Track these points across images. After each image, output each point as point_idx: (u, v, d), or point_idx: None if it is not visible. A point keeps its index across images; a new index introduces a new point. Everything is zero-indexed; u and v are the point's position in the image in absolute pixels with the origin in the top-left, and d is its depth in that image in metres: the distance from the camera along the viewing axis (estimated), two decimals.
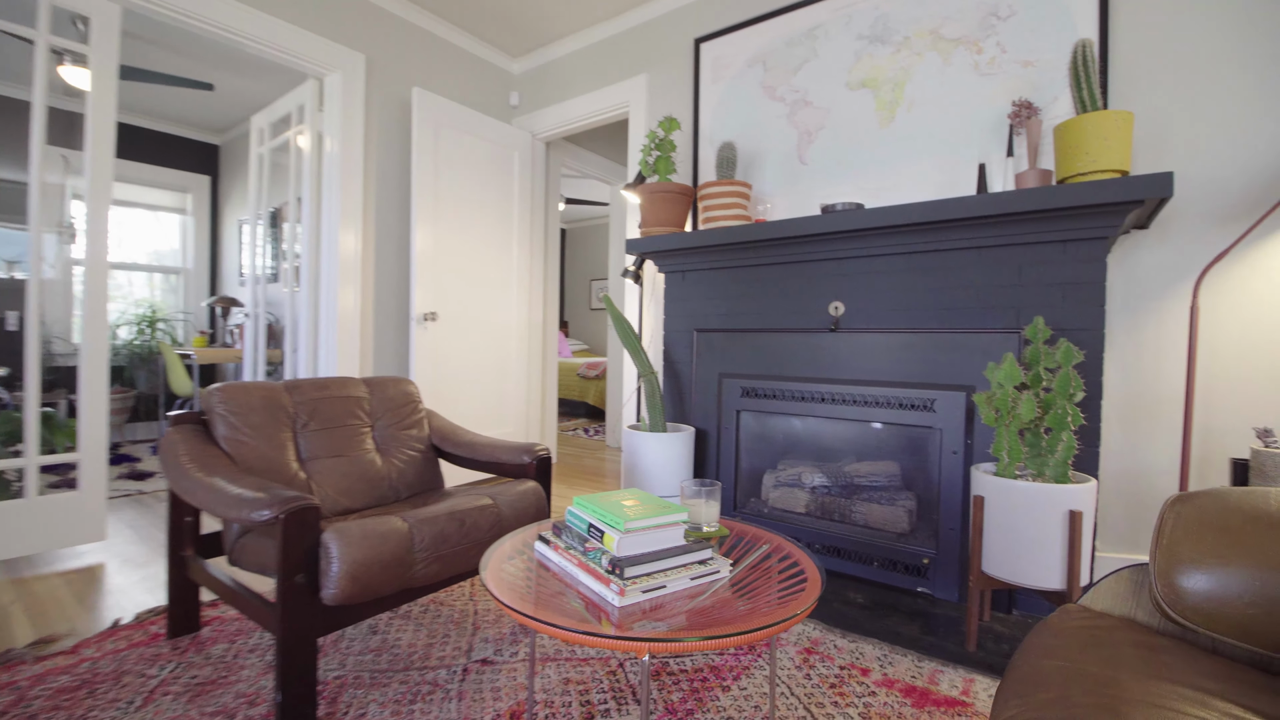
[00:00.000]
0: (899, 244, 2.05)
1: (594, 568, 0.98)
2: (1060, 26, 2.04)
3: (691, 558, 1.00)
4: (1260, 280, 1.78)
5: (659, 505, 1.09)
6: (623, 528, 0.97)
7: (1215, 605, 0.81)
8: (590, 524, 1.03)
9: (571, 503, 1.14)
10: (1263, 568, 0.79)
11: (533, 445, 1.82)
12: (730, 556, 1.22)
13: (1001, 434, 1.66)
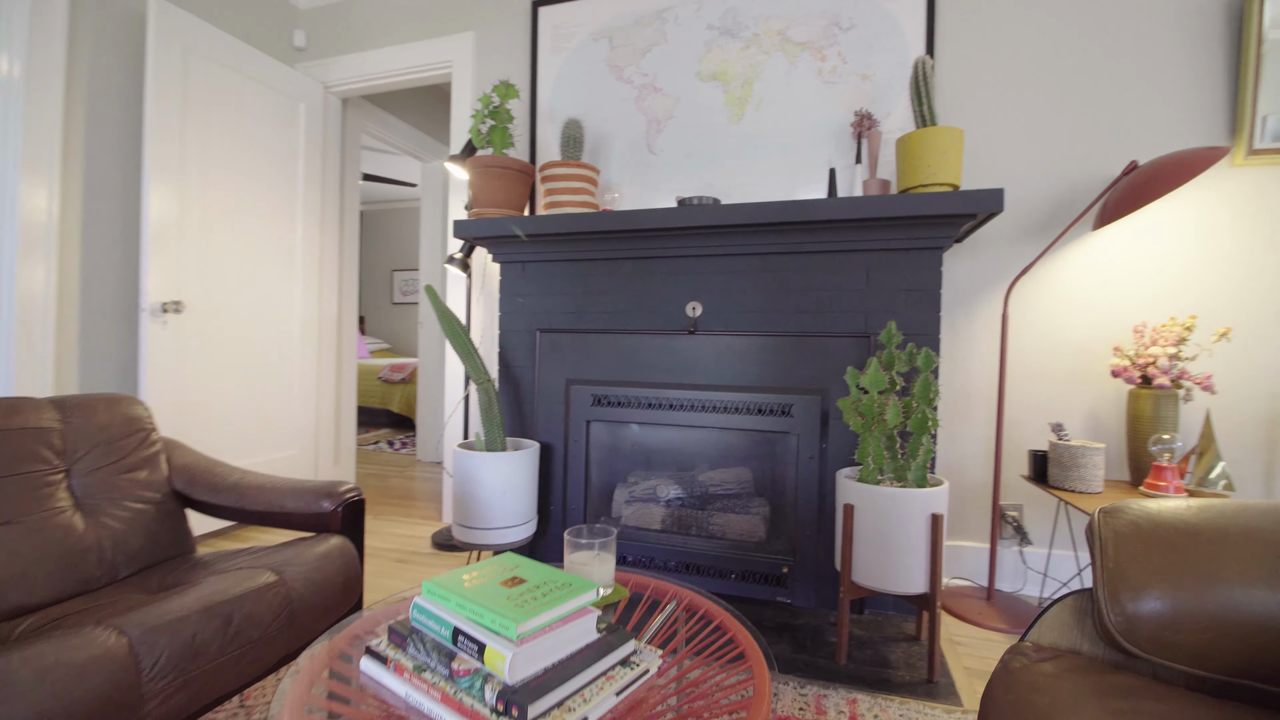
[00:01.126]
0: (756, 244, 1.97)
1: (472, 707, 0.63)
2: (894, 45, 2.14)
3: (612, 659, 0.71)
4: (1054, 291, 2.03)
5: (549, 580, 0.78)
6: (514, 633, 0.65)
7: (1171, 632, 0.76)
8: (457, 629, 0.69)
9: (420, 590, 0.77)
10: (1210, 587, 0.76)
11: (336, 485, 1.35)
12: (634, 626, 0.96)
13: (867, 440, 1.64)
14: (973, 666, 1.60)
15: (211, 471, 1.44)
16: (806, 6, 2.23)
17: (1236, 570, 0.78)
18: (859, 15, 2.17)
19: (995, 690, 0.80)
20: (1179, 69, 1.92)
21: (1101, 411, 1.99)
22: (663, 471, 2.29)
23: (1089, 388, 2.00)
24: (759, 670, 0.81)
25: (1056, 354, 2.02)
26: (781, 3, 2.25)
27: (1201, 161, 1.58)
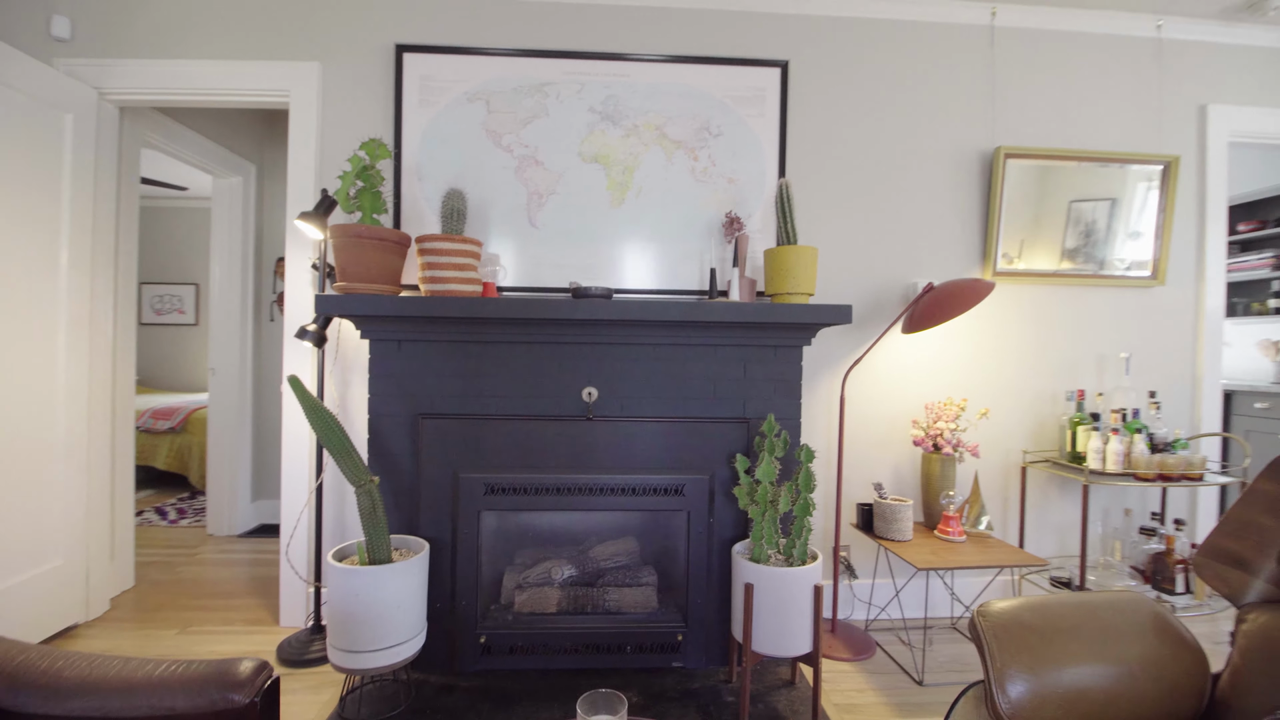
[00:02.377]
0: (651, 336, 2.10)
1: None
2: (755, 156, 2.45)
3: None
4: (872, 376, 2.51)
5: None
6: None
7: (1040, 713, 1.07)
8: None
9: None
10: (1059, 673, 1.09)
11: (234, 666, 1.12)
12: None
13: (759, 523, 1.89)
14: (840, 702, 1.95)
15: (34, 666, 1.11)
16: (681, 108, 2.42)
17: (1069, 655, 1.12)
18: (726, 125, 2.43)
19: None
20: (951, 211, 2.53)
21: (903, 469, 2.53)
22: (555, 551, 2.30)
23: (896, 451, 2.53)
24: None
25: (873, 424, 2.52)
26: (659, 100, 2.42)
27: (981, 291, 2.13)
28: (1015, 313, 2.58)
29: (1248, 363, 3.85)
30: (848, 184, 2.50)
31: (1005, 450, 2.57)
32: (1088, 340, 2.60)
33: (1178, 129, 2.62)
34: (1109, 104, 2.59)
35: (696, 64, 2.41)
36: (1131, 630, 1.17)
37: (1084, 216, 2.58)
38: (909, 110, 2.52)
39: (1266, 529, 1.20)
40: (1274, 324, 3.73)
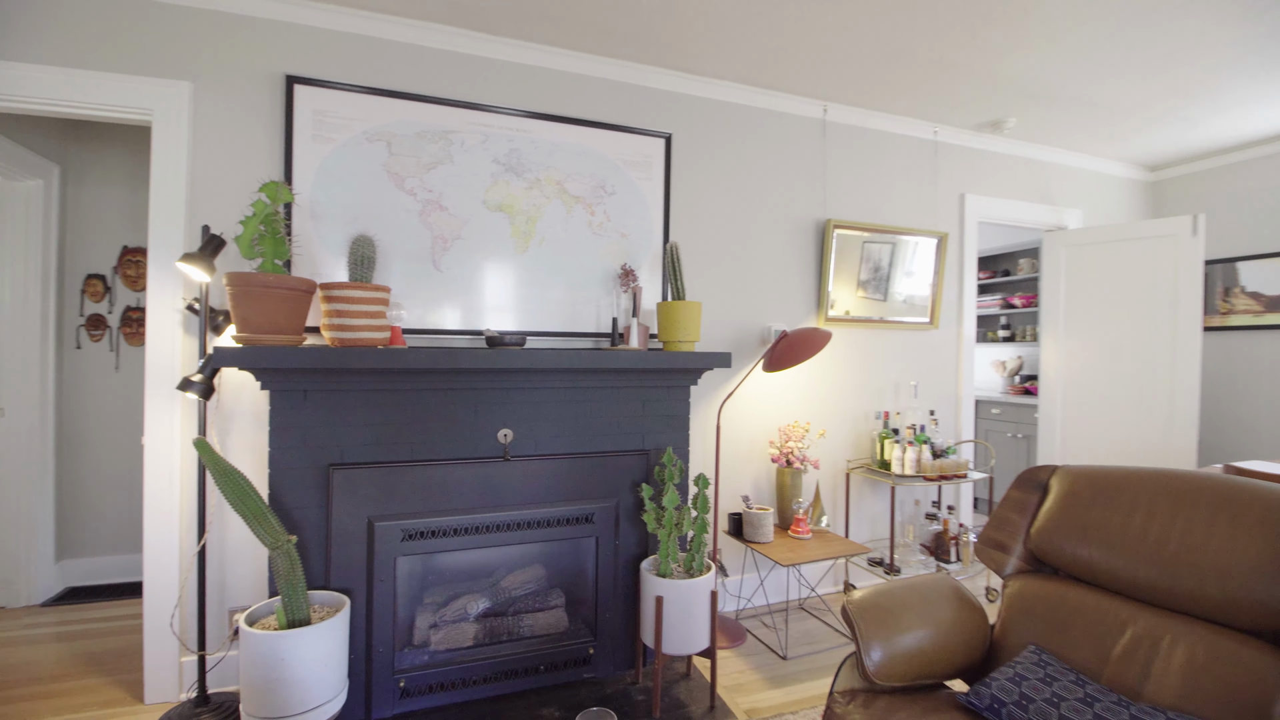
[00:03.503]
0: (562, 381, 2.30)
1: None
2: (643, 214, 2.76)
3: None
4: (741, 405, 2.97)
5: None
6: None
7: (889, 668, 1.51)
8: None
9: None
10: (899, 638, 1.54)
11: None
12: None
13: (665, 543, 2.20)
14: (727, 684, 2.34)
15: None
16: (580, 167, 2.64)
17: (904, 625, 1.58)
18: (619, 185, 2.71)
19: None
20: (796, 268, 3.09)
21: (762, 482, 3.03)
22: (468, 586, 2.39)
23: (756, 466, 3.02)
24: None
25: (740, 446, 2.98)
26: (559, 157, 2.61)
27: (824, 340, 2.67)
28: (843, 351, 3.22)
29: (985, 378, 5.11)
30: (718, 242, 2.93)
31: (835, 460, 3.20)
32: (889, 371, 3.34)
33: (947, 210, 3.47)
34: (904, 187, 3.35)
35: (594, 128, 2.66)
36: (943, 601, 1.67)
37: (873, 255, 3.30)
38: (765, 182, 3.02)
39: (1015, 523, 1.79)
40: (1003, 348, 5.01)
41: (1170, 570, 1.45)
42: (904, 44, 2.53)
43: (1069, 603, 1.59)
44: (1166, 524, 1.49)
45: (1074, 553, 1.62)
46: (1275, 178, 3.58)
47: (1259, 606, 1.31)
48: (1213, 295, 3.82)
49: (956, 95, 3.00)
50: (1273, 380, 3.56)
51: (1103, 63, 2.65)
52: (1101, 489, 1.65)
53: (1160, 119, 3.26)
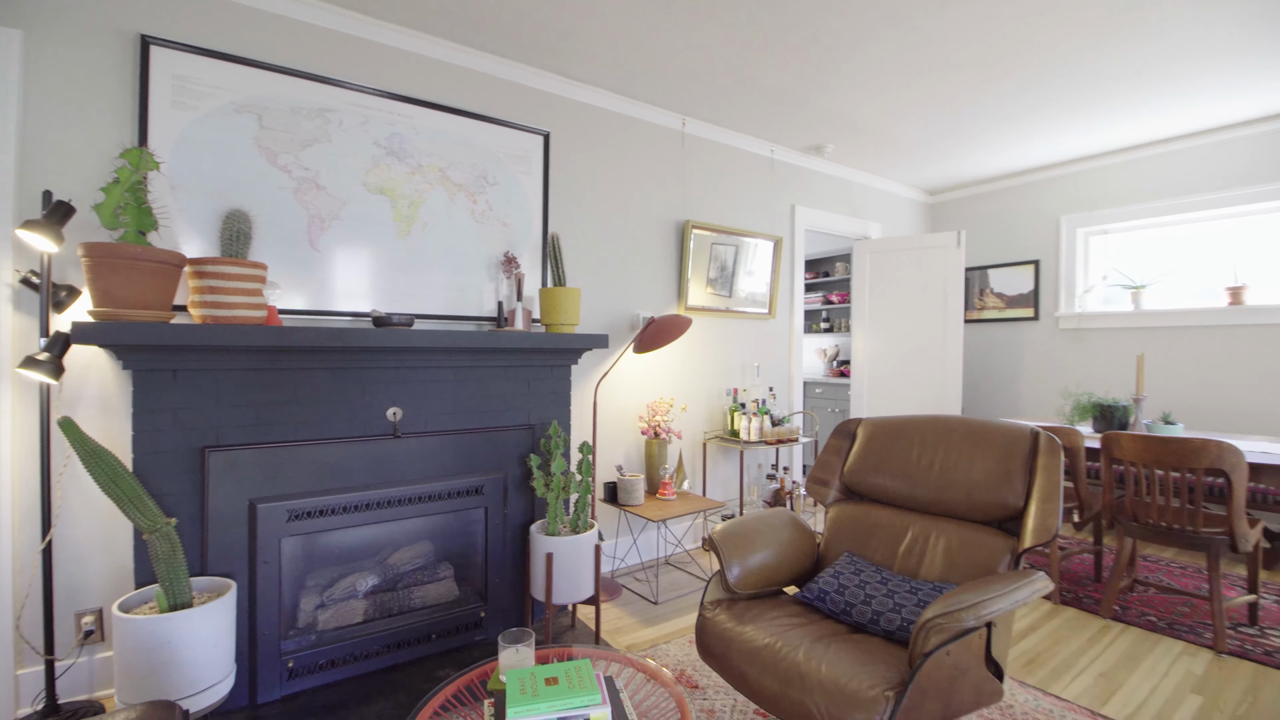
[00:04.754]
0: (450, 360, 2.42)
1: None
2: (524, 206, 2.93)
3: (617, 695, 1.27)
4: (616, 382, 3.26)
5: (564, 672, 1.28)
6: (599, 700, 1.18)
7: (745, 580, 1.90)
8: (560, 718, 1.14)
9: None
10: (751, 556, 1.94)
11: None
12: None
13: (554, 505, 2.42)
14: (607, 629, 2.62)
15: None
16: (462, 156, 2.75)
17: (755, 547, 1.98)
18: (500, 176, 2.86)
19: (702, 627, 1.77)
20: (661, 261, 3.45)
21: (633, 452, 3.36)
22: (355, 565, 2.40)
23: (628, 439, 3.34)
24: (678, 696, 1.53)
25: (614, 420, 3.28)
26: (441, 145, 2.70)
27: (685, 325, 3.05)
28: (700, 336, 3.66)
29: (810, 361, 5.96)
30: (594, 235, 3.19)
31: (694, 432, 3.64)
32: (737, 355, 3.85)
33: (781, 217, 4.07)
34: (748, 196, 3.87)
35: (477, 120, 2.77)
36: (783, 527, 2.10)
37: (719, 256, 3.79)
38: (635, 183, 3.34)
39: (833, 464, 2.29)
40: (824, 338, 5.88)
41: (936, 487, 1.99)
42: (749, 74, 2.98)
43: (870, 519, 2.10)
44: (934, 455, 2.04)
45: (873, 482, 2.14)
46: (1015, 204, 4.69)
47: (990, 505, 1.87)
48: (972, 295, 4.90)
49: (789, 121, 3.56)
50: (1011, 358, 4.68)
51: (898, 106, 3.34)
52: (892, 433, 2.18)
53: (938, 154, 4.14)
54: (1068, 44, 2.68)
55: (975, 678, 1.50)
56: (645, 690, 1.89)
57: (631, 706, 1.31)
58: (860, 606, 1.75)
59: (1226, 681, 2.20)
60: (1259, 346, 3.57)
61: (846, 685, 1.41)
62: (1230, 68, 2.89)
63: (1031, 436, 1.88)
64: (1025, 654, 2.42)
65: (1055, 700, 2.08)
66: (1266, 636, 2.52)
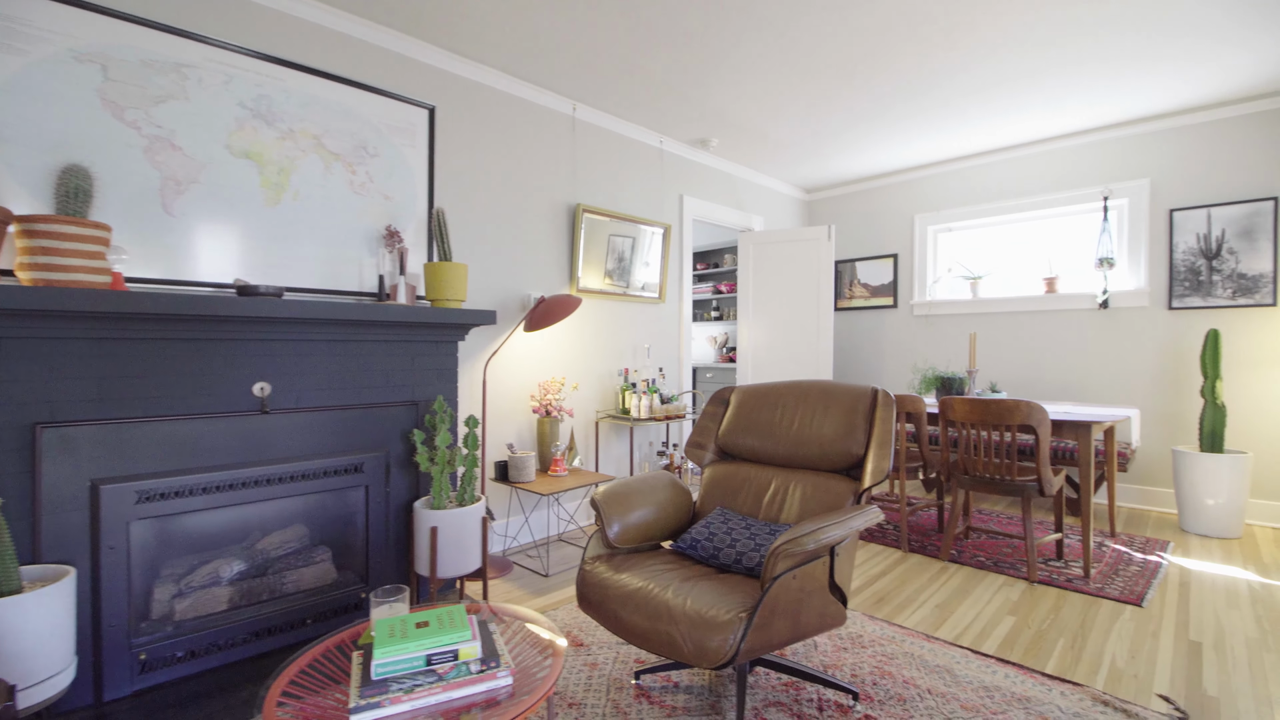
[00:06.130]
0: (326, 332, 2.34)
1: (465, 678, 1.16)
2: (408, 180, 2.88)
3: (488, 631, 1.32)
4: (506, 362, 3.27)
5: (438, 616, 1.31)
6: (469, 636, 1.22)
7: (624, 536, 2.01)
8: (430, 655, 1.17)
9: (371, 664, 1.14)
10: (631, 514, 2.05)
11: None
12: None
13: (439, 479, 2.41)
14: (495, 600, 2.64)
15: None
16: (339, 125, 2.66)
17: (634, 506, 2.10)
18: (381, 147, 2.79)
19: (582, 579, 1.85)
20: (553, 243, 3.51)
21: (525, 431, 3.39)
22: (219, 552, 2.26)
23: (520, 418, 3.36)
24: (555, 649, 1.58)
25: (506, 399, 3.29)
26: (317, 111, 2.59)
27: (573, 305, 3.12)
28: (593, 318, 3.75)
29: (702, 349, 6.24)
30: (484, 214, 3.19)
31: (587, 411, 3.72)
32: (629, 336, 3.98)
33: (670, 206, 4.25)
34: (638, 184, 4.01)
35: (356, 88, 2.69)
36: (662, 488, 2.23)
37: (617, 247, 3.93)
38: (526, 165, 3.37)
39: (710, 429, 2.46)
40: (715, 326, 6.17)
41: (795, 443, 2.20)
42: (637, 64, 3.11)
43: (740, 475, 2.28)
44: (794, 415, 2.25)
45: (743, 442, 2.32)
46: (878, 203, 5.18)
47: (839, 455, 2.10)
48: (843, 285, 5.35)
49: (676, 114, 3.74)
50: (875, 342, 5.17)
51: (771, 106, 3.60)
52: (759, 398, 2.38)
53: (809, 153, 4.50)
54: (915, 59, 3.04)
55: (819, 601, 1.69)
56: (527, 644, 1.94)
57: (503, 642, 1.37)
58: (726, 550, 1.91)
59: (1035, 604, 2.60)
60: (1067, 329, 4.21)
61: (706, 613, 1.55)
62: (1056, 88, 3.40)
63: (872, 393, 2.13)
64: (876, 593, 2.72)
65: (898, 628, 2.36)
66: (1069, 568, 3.00)
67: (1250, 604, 2.59)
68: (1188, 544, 3.34)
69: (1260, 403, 3.59)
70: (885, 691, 1.92)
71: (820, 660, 2.12)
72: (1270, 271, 3.52)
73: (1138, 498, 4.01)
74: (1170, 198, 3.84)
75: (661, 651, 1.58)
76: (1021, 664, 2.11)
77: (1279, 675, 2.04)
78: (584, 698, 1.89)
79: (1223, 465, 3.33)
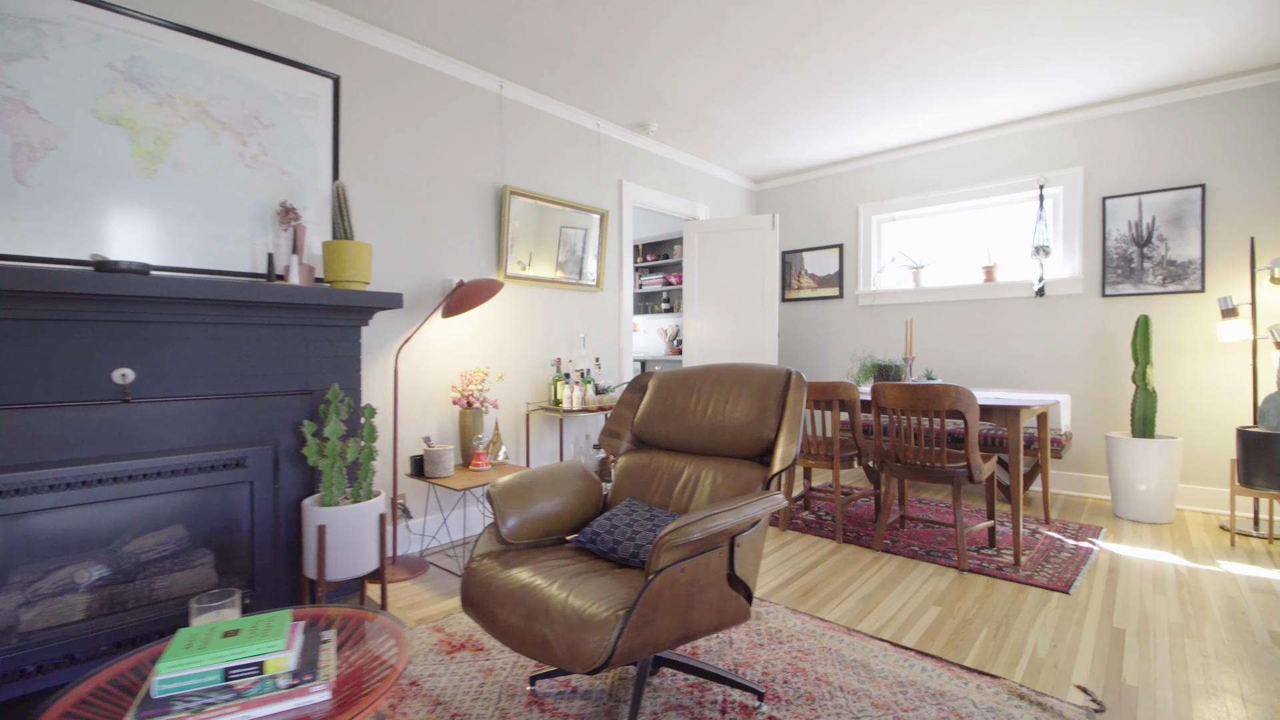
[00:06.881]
0: (204, 314, 2.14)
1: (272, 695, 1.00)
2: (308, 154, 2.68)
3: (320, 638, 1.15)
4: (422, 350, 3.09)
5: (254, 624, 1.15)
6: (284, 645, 1.06)
7: (520, 530, 1.87)
8: (228, 669, 1.01)
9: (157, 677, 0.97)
10: (531, 507, 1.91)
11: None
12: None
13: (329, 474, 2.23)
14: (402, 605, 2.47)
15: None
16: (229, 92, 2.45)
17: (536, 498, 1.96)
18: (279, 119, 2.59)
19: (467, 578, 1.70)
20: (478, 226, 3.34)
21: (446, 424, 3.21)
22: (77, 556, 2.04)
23: (439, 409, 3.18)
24: (399, 637, 1.42)
25: (422, 390, 3.11)
26: (202, 77, 2.38)
27: (494, 289, 2.96)
28: (523, 306, 3.59)
29: (652, 341, 6.12)
30: (400, 193, 3.00)
31: (517, 402, 3.56)
32: (564, 325, 3.83)
33: (609, 192, 4.11)
34: (573, 168, 3.87)
35: (248, 53, 2.48)
36: (572, 479, 2.09)
37: (569, 240, 3.79)
38: (448, 143, 3.19)
39: (626, 416, 2.32)
40: (665, 319, 6.06)
41: (709, 430, 2.08)
42: (567, 41, 2.96)
43: (653, 465, 2.15)
44: (709, 399, 2.13)
45: (658, 430, 2.20)
46: (824, 193, 5.13)
47: (751, 441, 1.99)
48: (790, 276, 5.29)
49: (612, 95, 3.60)
50: (821, 332, 5.11)
51: (707, 87, 3.49)
52: (677, 383, 2.26)
53: (751, 140, 4.41)
54: (842, 40, 2.95)
55: (716, 596, 1.57)
56: (390, 652, 1.78)
57: (334, 654, 1.21)
58: (625, 543, 1.78)
59: (963, 594, 2.54)
60: (1005, 317, 4.20)
61: (584, 611, 1.41)
62: (984, 72, 3.36)
63: (785, 375, 2.03)
64: (804, 585, 2.62)
65: (820, 622, 2.27)
66: (1000, 555, 2.95)
67: (1176, 589, 2.56)
68: (1120, 530, 3.33)
69: (1190, 388, 3.61)
70: (795, 690, 1.82)
71: (733, 658, 2.01)
72: (1199, 258, 3.54)
73: (1075, 484, 4.02)
74: (1103, 186, 3.85)
75: (536, 655, 1.44)
76: (941, 656, 2.02)
77: (1199, 662, 2.00)
78: (470, 708, 1.74)
79: (1153, 450, 3.33)
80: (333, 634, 1.27)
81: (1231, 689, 1.84)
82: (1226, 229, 3.49)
